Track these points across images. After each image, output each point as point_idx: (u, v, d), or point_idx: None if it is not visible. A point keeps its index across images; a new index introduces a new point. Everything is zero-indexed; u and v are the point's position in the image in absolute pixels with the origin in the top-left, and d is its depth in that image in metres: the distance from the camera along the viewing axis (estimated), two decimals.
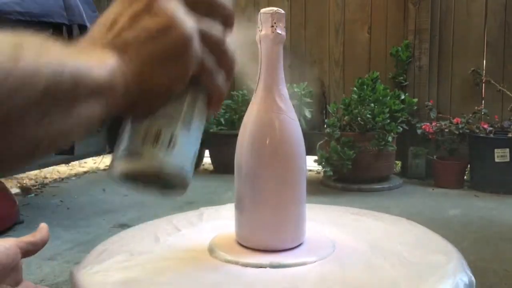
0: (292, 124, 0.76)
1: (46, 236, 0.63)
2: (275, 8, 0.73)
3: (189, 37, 0.36)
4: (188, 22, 0.36)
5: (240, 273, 0.70)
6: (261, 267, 0.71)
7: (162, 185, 0.38)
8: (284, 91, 0.75)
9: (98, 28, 0.37)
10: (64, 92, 0.31)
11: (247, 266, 0.72)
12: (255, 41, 0.75)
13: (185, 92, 0.38)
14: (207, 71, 0.38)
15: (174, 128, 0.37)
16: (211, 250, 0.78)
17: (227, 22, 0.40)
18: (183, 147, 0.38)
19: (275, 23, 0.72)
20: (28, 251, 0.60)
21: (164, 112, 0.37)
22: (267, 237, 0.77)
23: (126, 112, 0.38)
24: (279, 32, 0.73)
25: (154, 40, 0.35)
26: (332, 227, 0.90)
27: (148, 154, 0.36)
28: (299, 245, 0.78)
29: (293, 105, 0.76)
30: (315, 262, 0.73)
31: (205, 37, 0.38)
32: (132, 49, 0.35)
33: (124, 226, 2.24)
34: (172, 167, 0.37)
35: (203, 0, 0.39)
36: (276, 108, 0.74)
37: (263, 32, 0.73)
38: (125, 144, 0.37)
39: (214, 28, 0.39)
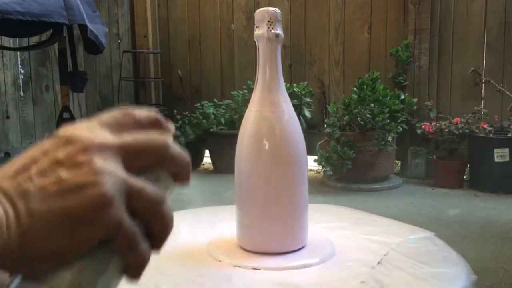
0: (292, 125, 0.75)
1: None
2: (270, 8, 0.73)
3: (107, 200, 0.30)
4: (112, 181, 0.30)
5: (240, 275, 0.70)
6: (263, 269, 0.71)
7: None
8: (283, 89, 0.75)
9: (6, 168, 0.31)
10: None
11: (247, 269, 0.71)
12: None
13: (90, 255, 0.31)
14: (125, 238, 0.31)
15: None
16: (210, 252, 0.77)
17: (179, 175, 0.35)
18: None
19: (270, 22, 0.72)
20: None
21: (56, 277, 0.30)
22: (270, 240, 0.76)
23: (9, 270, 0.31)
24: (275, 31, 0.73)
25: (62, 196, 0.30)
26: (333, 228, 0.90)
27: None
28: (302, 247, 0.78)
29: (292, 105, 0.76)
30: (317, 264, 0.73)
31: (136, 198, 0.32)
32: (29, 202, 0.30)
33: None
34: None
35: (148, 153, 0.33)
36: (274, 109, 0.74)
37: (259, 32, 0.73)
38: None
39: (155, 187, 0.33)
